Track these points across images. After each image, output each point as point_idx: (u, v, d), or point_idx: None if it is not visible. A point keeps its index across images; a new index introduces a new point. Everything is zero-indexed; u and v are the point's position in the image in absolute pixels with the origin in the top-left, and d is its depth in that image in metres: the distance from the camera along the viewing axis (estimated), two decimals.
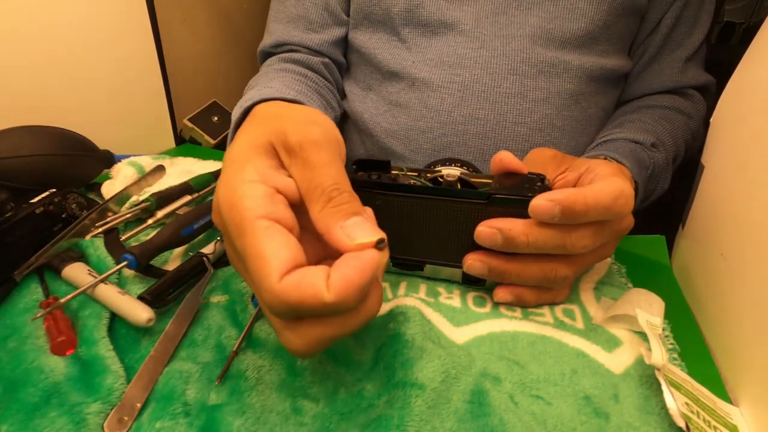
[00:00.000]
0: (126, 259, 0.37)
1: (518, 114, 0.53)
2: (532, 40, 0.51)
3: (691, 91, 0.58)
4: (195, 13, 0.90)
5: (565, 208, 0.29)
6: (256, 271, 0.23)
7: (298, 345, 0.24)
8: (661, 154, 0.52)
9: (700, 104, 0.58)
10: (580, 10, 0.51)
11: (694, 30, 0.56)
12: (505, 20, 0.52)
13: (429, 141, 0.55)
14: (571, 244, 0.31)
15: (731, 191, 0.35)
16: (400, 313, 0.33)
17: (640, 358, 0.32)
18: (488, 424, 0.27)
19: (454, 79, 0.53)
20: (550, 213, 0.30)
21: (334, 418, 0.28)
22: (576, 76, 0.53)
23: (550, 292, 0.36)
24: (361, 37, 0.58)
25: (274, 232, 0.23)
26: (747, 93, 0.35)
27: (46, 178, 0.49)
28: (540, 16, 0.51)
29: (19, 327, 0.34)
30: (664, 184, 0.54)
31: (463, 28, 0.53)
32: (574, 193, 0.30)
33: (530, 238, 0.31)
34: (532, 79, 0.52)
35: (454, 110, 0.53)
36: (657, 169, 0.51)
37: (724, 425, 0.27)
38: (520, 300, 0.35)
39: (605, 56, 0.54)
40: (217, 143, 0.82)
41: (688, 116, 0.57)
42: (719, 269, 0.35)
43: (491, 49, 0.52)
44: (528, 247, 0.31)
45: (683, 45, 0.56)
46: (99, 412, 0.27)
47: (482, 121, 0.53)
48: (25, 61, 0.55)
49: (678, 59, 0.56)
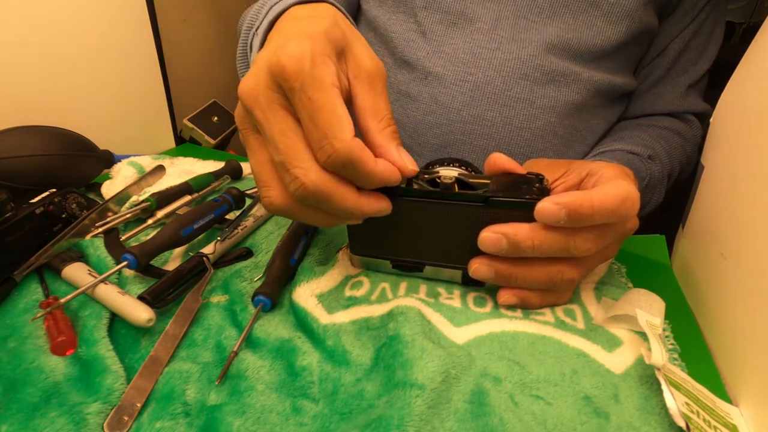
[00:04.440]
0: (126, 259, 0.37)
1: (524, 119, 0.53)
2: (547, 48, 0.52)
3: (690, 116, 0.59)
4: (195, 13, 0.90)
5: (572, 212, 0.29)
6: (332, 126, 0.26)
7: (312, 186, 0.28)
8: (657, 167, 0.52)
9: (697, 130, 0.59)
10: (598, 28, 0.51)
11: (700, 59, 0.57)
12: (525, 24, 0.52)
13: (436, 137, 0.55)
14: (575, 247, 0.31)
15: (731, 191, 0.35)
16: (400, 313, 0.33)
17: (640, 358, 0.32)
18: (488, 424, 0.27)
19: (467, 77, 0.53)
20: (556, 216, 0.29)
21: (334, 418, 0.28)
22: (584, 88, 0.53)
23: (553, 294, 0.36)
24: (380, 14, 0.57)
25: (342, 101, 0.27)
26: (747, 93, 0.35)
27: (46, 178, 0.49)
28: (559, 26, 0.51)
29: (19, 327, 0.34)
30: (659, 197, 0.55)
31: (482, 26, 0.53)
32: (581, 196, 0.30)
33: (535, 242, 0.31)
34: (541, 87, 0.52)
35: (464, 109, 0.54)
36: (653, 180, 0.52)
37: (724, 425, 0.27)
38: (525, 303, 0.35)
39: (614, 73, 0.55)
40: (217, 143, 0.82)
41: (684, 139, 0.58)
42: (719, 269, 0.35)
43: (507, 52, 0.52)
44: (533, 251, 0.31)
45: (688, 72, 0.57)
46: (99, 412, 0.27)
47: (489, 123, 0.53)
48: (25, 61, 0.55)
49: (681, 84, 0.58)
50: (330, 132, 0.26)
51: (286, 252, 0.40)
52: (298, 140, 0.28)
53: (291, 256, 0.40)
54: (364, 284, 0.39)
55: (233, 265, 0.42)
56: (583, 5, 0.50)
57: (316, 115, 0.26)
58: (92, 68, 0.61)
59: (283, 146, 0.28)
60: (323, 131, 0.26)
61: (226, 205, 0.47)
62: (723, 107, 0.39)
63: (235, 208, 0.49)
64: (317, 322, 0.34)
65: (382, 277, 0.39)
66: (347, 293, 0.38)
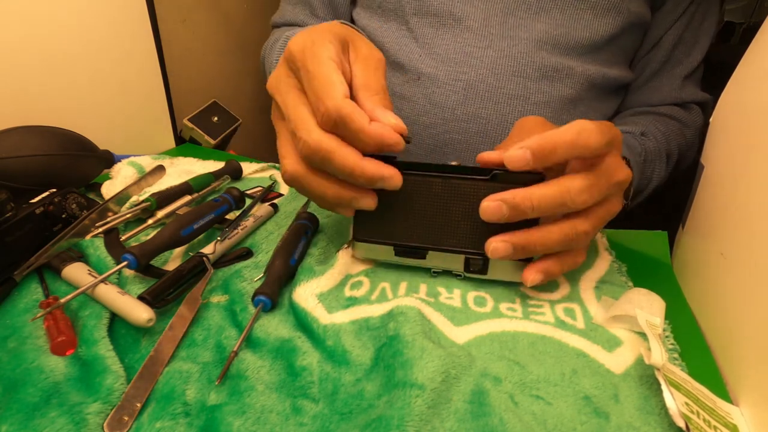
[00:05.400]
0: (126, 259, 0.37)
1: (519, 115, 0.53)
2: (537, 44, 0.52)
3: (690, 104, 0.60)
4: (195, 13, 0.90)
5: (535, 151, 0.31)
6: (324, 89, 0.30)
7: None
8: (651, 143, 0.53)
9: (697, 116, 0.59)
10: (586, 21, 0.52)
11: (693, 50, 0.58)
12: (514, 22, 0.52)
13: (432, 137, 0.56)
14: (571, 199, 0.32)
15: (731, 191, 0.35)
16: (400, 313, 0.33)
17: (640, 358, 0.32)
18: (488, 424, 0.27)
19: (459, 77, 0.53)
20: (524, 159, 0.31)
21: (334, 418, 0.28)
22: (578, 82, 0.53)
23: (570, 255, 0.35)
24: (372, 24, 0.59)
25: (339, 72, 0.32)
26: (747, 93, 0.35)
27: (46, 178, 0.49)
28: (547, 22, 0.52)
29: (19, 327, 0.34)
30: (660, 171, 0.55)
31: (472, 25, 0.53)
32: (540, 137, 0.32)
33: (534, 201, 0.32)
34: (535, 82, 0.52)
35: (458, 108, 0.54)
36: (650, 155, 0.52)
37: (724, 425, 0.27)
38: (549, 274, 0.35)
39: (608, 65, 0.55)
40: (217, 143, 0.82)
41: (683, 124, 0.58)
42: (719, 269, 0.35)
43: (498, 50, 0.52)
44: (533, 210, 0.32)
45: (683, 63, 0.58)
46: (99, 412, 0.27)
47: (484, 121, 0.53)
48: (25, 61, 0.55)
49: (677, 76, 0.58)
50: (323, 94, 0.30)
51: (286, 252, 0.40)
52: (305, 110, 0.32)
53: (291, 256, 0.40)
54: (364, 284, 0.39)
55: (233, 265, 0.41)
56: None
57: (312, 83, 0.31)
58: (92, 68, 0.61)
59: (293, 116, 0.32)
60: (318, 94, 0.31)
61: (226, 205, 0.47)
62: (723, 107, 0.39)
63: (235, 208, 0.49)
64: (317, 322, 0.34)
65: (382, 277, 0.39)
66: (347, 293, 0.38)
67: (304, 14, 0.66)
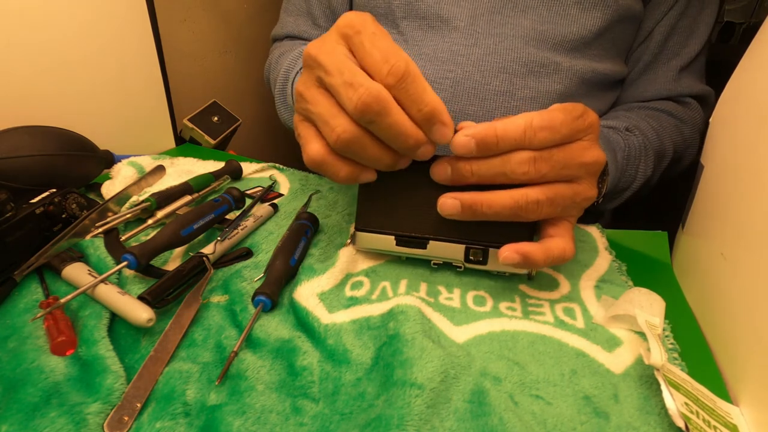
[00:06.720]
0: (126, 259, 0.37)
1: (505, 111, 0.53)
2: (524, 40, 0.52)
3: (688, 99, 0.59)
4: (195, 13, 0.90)
5: (479, 142, 0.32)
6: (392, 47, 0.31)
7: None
8: (637, 139, 0.52)
9: (696, 112, 0.58)
10: (572, 16, 0.52)
11: (689, 40, 0.56)
12: (500, 19, 0.53)
13: None
14: (511, 170, 0.32)
15: (731, 191, 0.35)
16: (400, 312, 0.33)
17: (640, 358, 0.32)
18: (488, 424, 0.27)
19: (446, 75, 0.54)
20: (468, 147, 0.32)
21: (334, 418, 0.28)
22: (566, 77, 0.53)
23: (555, 244, 0.34)
24: None
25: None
26: (747, 93, 0.35)
27: (46, 178, 0.49)
28: (533, 19, 0.52)
29: (19, 327, 0.34)
30: (646, 169, 0.53)
31: (459, 24, 0.53)
32: (487, 126, 0.32)
33: (474, 167, 0.33)
34: (521, 78, 0.53)
35: (445, 105, 0.54)
36: (633, 151, 0.51)
37: (724, 425, 0.27)
38: (527, 258, 0.34)
39: (598, 60, 0.54)
40: (217, 143, 0.82)
41: (679, 120, 0.57)
42: (719, 269, 0.35)
43: (484, 47, 0.53)
44: (472, 175, 0.33)
45: (679, 54, 0.57)
46: (99, 412, 0.27)
47: (471, 117, 0.54)
48: (25, 61, 0.55)
49: (672, 68, 0.57)
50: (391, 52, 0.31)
51: (287, 252, 0.40)
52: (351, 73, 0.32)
53: (291, 256, 0.40)
54: (364, 284, 0.39)
55: (233, 265, 0.42)
56: None
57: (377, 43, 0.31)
58: (92, 68, 0.61)
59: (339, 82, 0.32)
60: (385, 52, 0.31)
61: (226, 205, 0.47)
62: (723, 107, 0.39)
63: (235, 208, 0.49)
64: (318, 322, 0.34)
65: (382, 276, 0.39)
66: (348, 293, 0.38)
67: (306, 25, 0.65)
